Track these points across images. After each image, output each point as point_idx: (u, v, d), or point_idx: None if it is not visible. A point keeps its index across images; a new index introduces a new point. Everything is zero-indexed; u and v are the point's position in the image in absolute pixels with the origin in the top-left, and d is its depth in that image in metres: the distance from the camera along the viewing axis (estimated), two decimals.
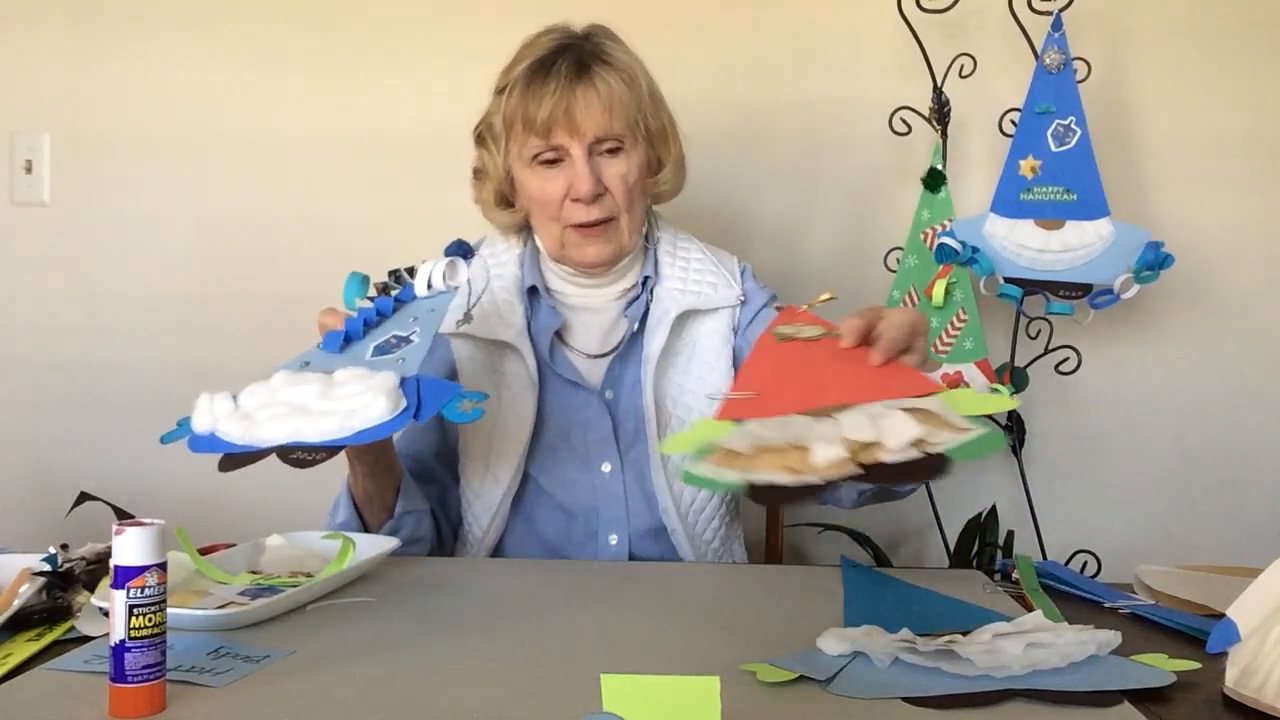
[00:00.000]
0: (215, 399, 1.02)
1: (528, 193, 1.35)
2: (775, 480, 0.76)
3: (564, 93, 1.29)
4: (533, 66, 1.31)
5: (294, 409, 0.96)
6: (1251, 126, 1.82)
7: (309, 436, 0.93)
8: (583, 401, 1.37)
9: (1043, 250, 1.67)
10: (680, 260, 1.43)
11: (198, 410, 1.02)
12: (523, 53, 1.35)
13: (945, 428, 0.79)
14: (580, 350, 1.39)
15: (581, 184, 1.30)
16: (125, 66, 1.96)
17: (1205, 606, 1.01)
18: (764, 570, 1.35)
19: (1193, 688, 0.80)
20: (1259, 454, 1.84)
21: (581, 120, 1.30)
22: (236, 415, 0.98)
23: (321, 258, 1.94)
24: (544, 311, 1.39)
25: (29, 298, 1.99)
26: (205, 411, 1.01)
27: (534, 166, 1.33)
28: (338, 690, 0.78)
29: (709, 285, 1.40)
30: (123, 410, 1.97)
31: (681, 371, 1.38)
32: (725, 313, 1.40)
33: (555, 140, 1.30)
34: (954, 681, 0.78)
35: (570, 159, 1.31)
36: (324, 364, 1.06)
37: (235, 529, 1.39)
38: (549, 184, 1.32)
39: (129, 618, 0.72)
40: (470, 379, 1.35)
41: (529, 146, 1.32)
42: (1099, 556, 1.76)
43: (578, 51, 1.32)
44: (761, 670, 0.80)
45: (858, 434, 0.78)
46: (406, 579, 1.11)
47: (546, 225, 1.36)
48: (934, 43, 1.76)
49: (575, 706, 0.72)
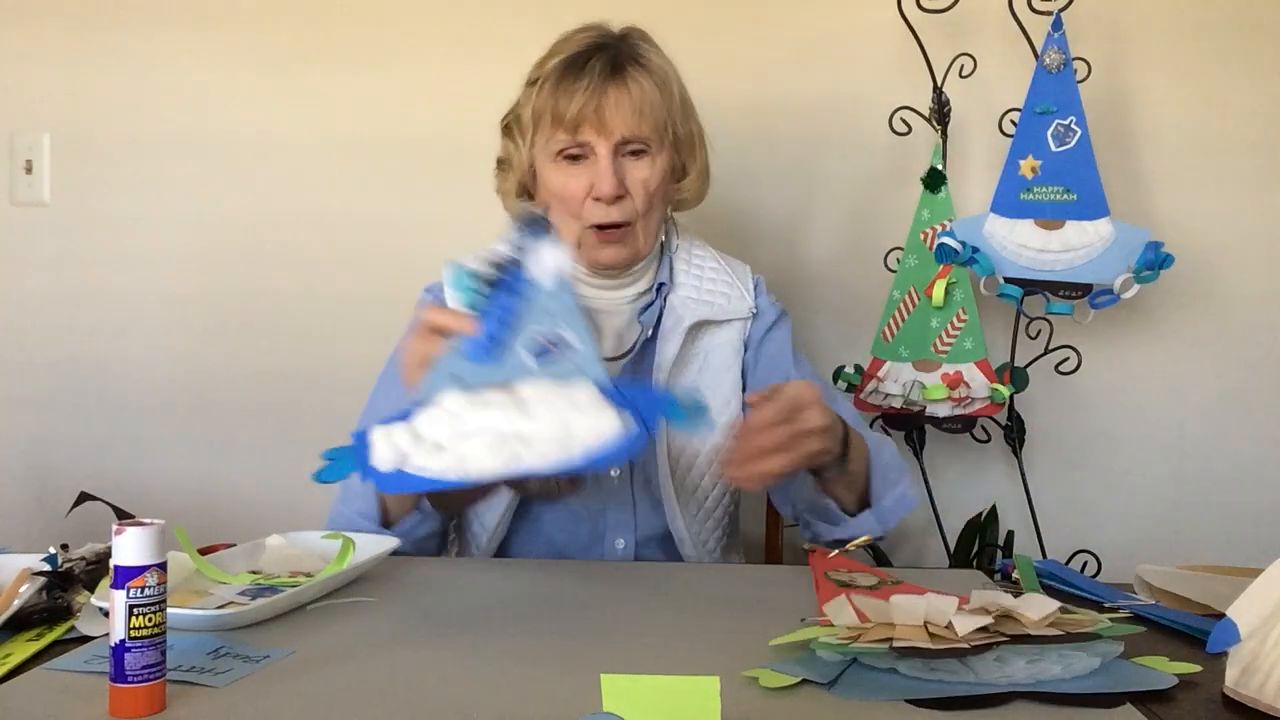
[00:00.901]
0: (392, 431, 0.90)
1: (549, 187, 1.34)
2: (919, 644, 0.78)
3: (595, 90, 1.29)
4: (566, 62, 1.31)
5: (503, 435, 0.86)
6: (1252, 126, 1.82)
7: (536, 463, 0.84)
8: None
9: (1043, 250, 1.67)
10: (695, 269, 1.43)
11: (377, 446, 0.90)
12: (558, 47, 1.34)
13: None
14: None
15: (604, 183, 1.30)
16: (125, 66, 1.96)
17: (1205, 606, 1.01)
18: (764, 570, 1.35)
19: (1193, 688, 0.80)
20: (1259, 454, 1.85)
21: (610, 119, 1.29)
22: (427, 447, 0.87)
23: (322, 258, 1.94)
24: None
25: (29, 298, 1.99)
26: (386, 447, 0.89)
27: (558, 161, 1.32)
28: (338, 690, 0.78)
29: (722, 296, 1.41)
30: (123, 410, 1.97)
31: (692, 380, 1.38)
32: (737, 324, 1.41)
33: (582, 137, 1.30)
34: (956, 684, 0.78)
35: (595, 157, 1.31)
36: (478, 376, 0.94)
37: (235, 529, 1.39)
38: (572, 180, 1.32)
39: (129, 618, 0.72)
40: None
41: (555, 141, 1.31)
42: (1099, 556, 1.76)
43: (614, 51, 1.32)
44: (763, 676, 0.80)
45: (997, 602, 0.83)
46: (406, 579, 1.11)
47: (565, 222, 1.34)
48: (934, 43, 1.76)
49: (575, 706, 0.72)
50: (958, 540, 1.79)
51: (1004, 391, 1.70)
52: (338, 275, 1.94)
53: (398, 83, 1.92)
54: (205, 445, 1.96)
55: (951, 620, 0.80)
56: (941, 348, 1.72)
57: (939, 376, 1.71)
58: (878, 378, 1.75)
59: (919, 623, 0.81)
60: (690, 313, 1.38)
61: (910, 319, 1.74)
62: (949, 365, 1.71)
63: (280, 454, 1.95)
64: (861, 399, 1.76)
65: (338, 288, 1.94)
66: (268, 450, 1.95)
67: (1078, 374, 1.78)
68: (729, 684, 0.78)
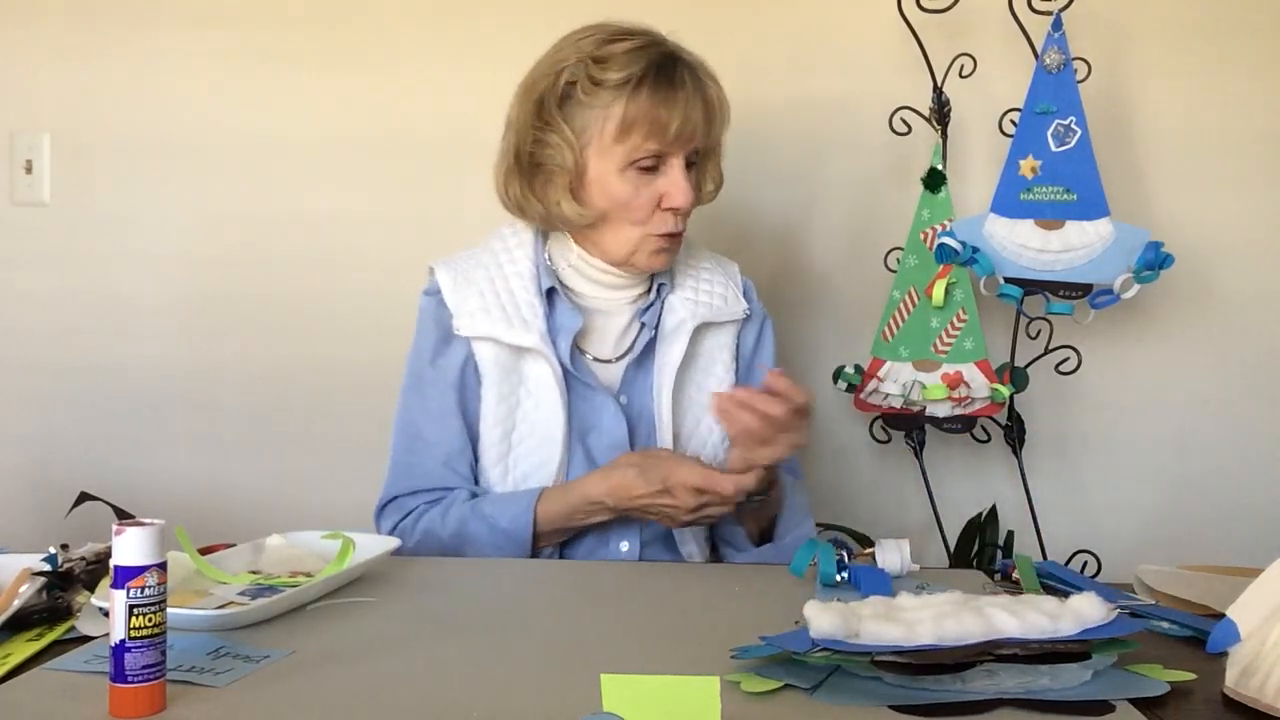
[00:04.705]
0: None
1: (612, 194, 1.31)
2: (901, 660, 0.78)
3: (690, 103, 1.30)
4: (652, 70, 1.29)
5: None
6: (1252, 126, 1.82)
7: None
8: (600, 405, 1.36)
9: (1043, 250, 1.67)
10: (690, 269, 1.44)
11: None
12: (625, 56, 1.30)
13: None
14: (592, 354, 1.39)
15: (683, 196, 1.31)
16: (125, 66, 1.96)
17: (1205, 606, 1.01)
18: (765, 570, 1.34)
19: (1193, 689, 0.80)
20: (1259, 454, 1.84)
21: (696, 131, 1.31)
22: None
23: (322, 258, 1.94)
24: (563, 312, 1.36)
25: (29, 298, 1.99)
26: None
27: (629, 171, 1.31)
28: (338, 690, 0.78)
29: (719, 297, 1.42)
30: (123, 410, 1.96)
31: (691, 381, 1.39)
32: (731, 326, 1.43)
33: (667, 149, 1.30)
34: (941, 691, 0.77)
35: (667, 167, 1.31)
36: None
37: (235, 529, 1.39)
38: (644, 190, 1.31)
39: (129, 618, 0.72)
40: (494, 382, 1.34)
41: (638, 150, 1.30)
42: (1099, 556, 1.76)
43: (685, 62, 1.33)
44: (746, 680, 0.79)
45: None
46: (406, 579, 1.11)
47: (623, 230, 1.33)
48: (934, 43, 1.76)
49: (575, 706, 0.72)
50: (958, 540, 1.79)
51: (1004, 391, 1.70)
52: (337, 275, 1.94)
53: (398, 83, 1.92)
54: (205, 445, 1.96)
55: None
56: (941, 348, 1.72)
57: (939, 376, 1.71)
58: (878, 378, 1.75)
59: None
60: (692, 314, 1.38)
61: (910, 319, 1.74)
62: (949, 365, 1.71)
63: (280, 454, 1.95)
64: (861, 399, 1.76)
65: (337, 287, 1.94)
66: (268, 450, 1.95)
67: (1078, 374, 1.78)
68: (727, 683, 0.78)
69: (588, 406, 1.36)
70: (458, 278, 1.37)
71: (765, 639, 0.83)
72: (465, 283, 1.36)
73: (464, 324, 1.34)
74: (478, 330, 1.33)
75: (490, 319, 1.33)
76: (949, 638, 0.77)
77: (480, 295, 1.35)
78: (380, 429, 1.41)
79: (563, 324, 1.36)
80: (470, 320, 1.33)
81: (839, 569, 1.11)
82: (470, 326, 1.33)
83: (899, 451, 1.85)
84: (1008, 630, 0.78)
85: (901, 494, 1.88)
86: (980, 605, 0.81)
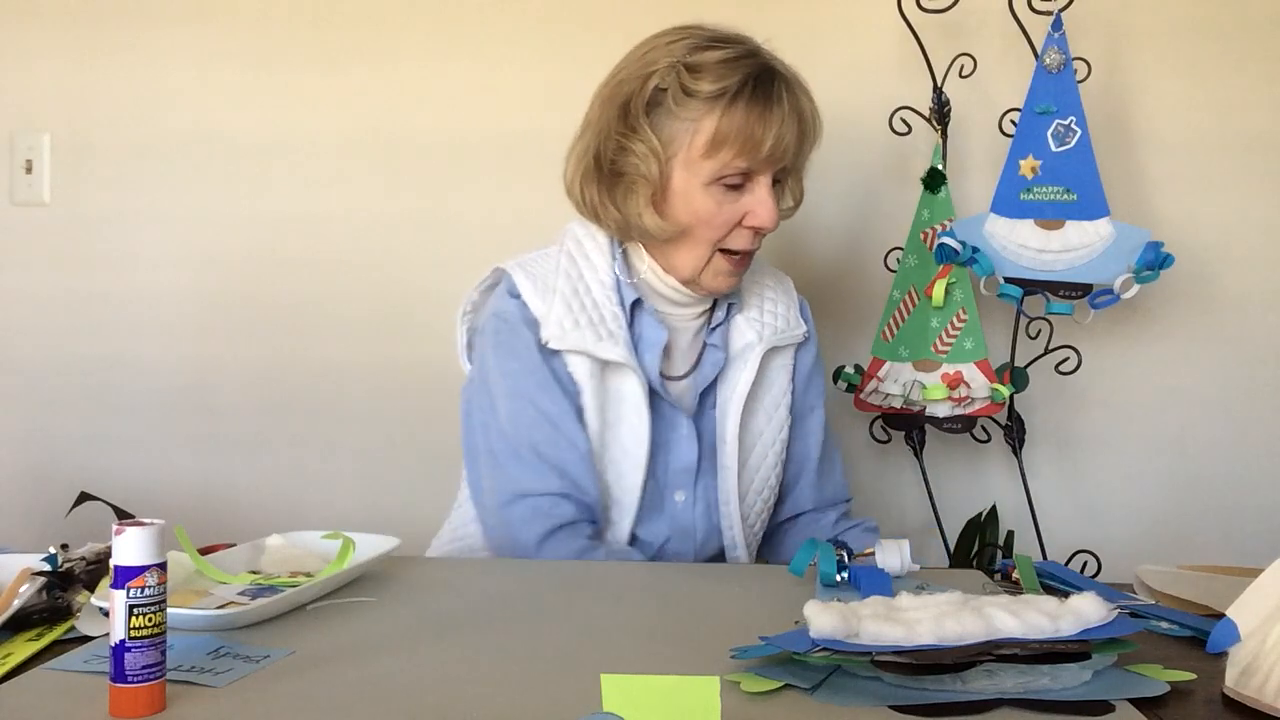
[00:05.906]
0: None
1: (695, 209, 1.26)
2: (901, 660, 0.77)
3: (785, 121, 1.25)
4: (750, 84, 1.25)
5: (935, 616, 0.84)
6: (1252, 126, 1.82)
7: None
8: (675, 424, 1.33)
9: (1043, 250, 1.67)
10: (756, 288, 1.41)
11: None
12: (720, 67, 1.25)
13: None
14: (667, 372, 1.34)
15: (767, 215, 1.27)
16: (125, 66, 1.96)
17: (1205, 606, 1.01)
18: (767, 570, 1.34)
19: (1193, 688, 0.80)
20: (1259, 454, 1.85)
21: (789, 151, 1.27)
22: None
23: (322, 258, 1.94)
24: (649, 325, 1.32)
25: (29, 298, 1.99)
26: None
27: (714, 186, 1.26)
28: (338, 690, 0.78)
29: (782, 319, 1.40)
30: (123, 410, 1.96)
31: (757, 403, 1.36)
32: (790, 347, 1.41)
33: (757, 167, 1.26)
34: (941, 691, 0.77)
35: (753, 185, 1.27)
36: None
37: (235, 529, 1.39)
38: (728, 207, 1.27)
39: (129, 618, 0.72)
40: (591, 395, 1.28)
41: (728, 167, 1.25)
42: (1099, 556, 1.76)
43: (782, 76, 1.28)
44: (745, 680, 0.79)
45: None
46: (406, 579, 1.11)
47: (696, 246, 1.28)
48: (934, 43, 1.76)
49: (575, 706, 0.72)
50: (958, 540, 1.79)
51: (1004, 391, 1.70)
52: (338, 275, 1.94)
53: (400, 83, 1.92)
54: (205, 445, 1.96)
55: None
56: (941, 348, 1.72)
57: (939, 376, 1.71)
58: (878, 378, 1.75)
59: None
60: (759, 336, 1.35)
61: (910, 319, 1.74)
62: (949, 365, 1.71)
63: (281, 454, 1.95)
64: (861, 399, 1.76)
65: (338, 288, 1.94)
66: (268, 450, 1.95)
67: (1078, 374, 1.78)
68: (727, 684, 0.78)
69: (665, 425, 1.32)
70: (538, 284, 1.30)
71: (765, 639, 0.83)
72: (548, 290, 1.29)
73: (553, 334, 1.27)
74: (567, 343, 1.26)
75: (580, 332, 1.27)
76: (949, 638, 0.77)
77: (567, 305, 1.28)
78: (380, 429, 1.40)
79: (649, 337, 1.31)
80: (560, 331, 1.26)
81: (839, 569, 1.11)
82: (560, 339, 1.26)
83: (899, 451, 1.85)
84: (1008, 630, 0.78)
85: (901, 494, 1.88)
86: (980, 605, 0.81)
